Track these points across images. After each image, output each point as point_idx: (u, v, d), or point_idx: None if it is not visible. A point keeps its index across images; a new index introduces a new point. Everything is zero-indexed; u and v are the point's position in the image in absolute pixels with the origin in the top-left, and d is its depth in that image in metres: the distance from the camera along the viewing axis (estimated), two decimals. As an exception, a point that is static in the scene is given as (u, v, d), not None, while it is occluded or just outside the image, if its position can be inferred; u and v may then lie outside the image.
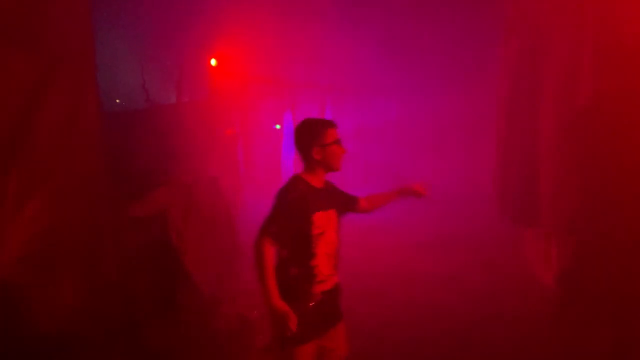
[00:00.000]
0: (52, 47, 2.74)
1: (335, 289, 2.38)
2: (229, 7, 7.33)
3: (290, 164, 10.14)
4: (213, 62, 7.70)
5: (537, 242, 5.30)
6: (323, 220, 2.27)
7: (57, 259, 2.68)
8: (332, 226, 2.35)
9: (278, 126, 10.36)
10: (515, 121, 5.20)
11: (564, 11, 4.57)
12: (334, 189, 2.49)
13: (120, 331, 3.19)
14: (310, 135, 2.31)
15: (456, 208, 7.81)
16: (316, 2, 8.07)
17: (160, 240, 3.84)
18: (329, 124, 2.37)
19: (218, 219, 4.46)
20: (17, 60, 2.59)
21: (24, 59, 2.61)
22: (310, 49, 9.10)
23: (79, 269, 2.80)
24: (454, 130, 8.11)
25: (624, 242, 4.05)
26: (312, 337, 2.24)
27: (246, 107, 8.58)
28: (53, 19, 2.72)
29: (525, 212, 5.15)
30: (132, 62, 8.66)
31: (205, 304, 4.25)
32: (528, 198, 5.06)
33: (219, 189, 4.58)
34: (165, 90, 6.60)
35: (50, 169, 2.72)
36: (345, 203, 2.51)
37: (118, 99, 11.38)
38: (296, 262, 2.25)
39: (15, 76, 2.60)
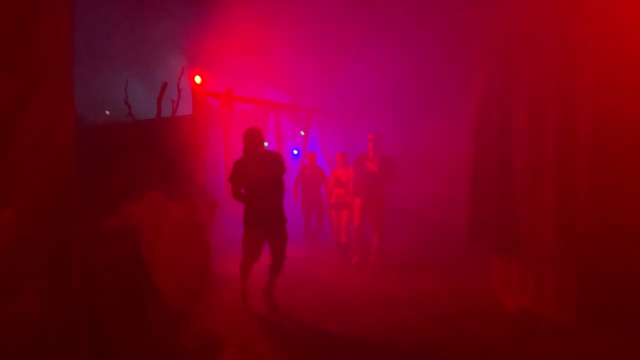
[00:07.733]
0: (32, 66, 2.84)
1: None
2: (216, 25, 7.51)
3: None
4: (198, 79, 7.83)
5: (505, 269, 5.45)
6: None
7: (24, 269, 2.73)
8: None
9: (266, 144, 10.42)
10: (488, 148, 5.38)
11: (533, 42, 4.82)
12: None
13: (85, 345, 3.21)
14: None
15: (428, 233, 7.95)
16: (301, 24, 8.29)
17: (130, 254, 3.88)
18: None
19: (191, 236, 4.52)
20: (-3, 75, 2.68)
21: (3, 75, 2.70)
22: (296, 69, 9.30)
23: (46, 281, 2.85)
24: (428, 154, 8.31)
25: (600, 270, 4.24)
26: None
27: (229, 124, 8.67)
28: (35, 39, 2.83)
29: (494, 239, 5.31)
30: (120, 75, 8.76)
31: (173, 320, 4.28)
32: (498, 225, 5.22)
33: (194, 206, 4.66)
34: (148, 105, 6.69)
35: (23, 180, 2.79)
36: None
37: (108, 111, 11.40)
38: None
39: (-6, 91, 2.69)
